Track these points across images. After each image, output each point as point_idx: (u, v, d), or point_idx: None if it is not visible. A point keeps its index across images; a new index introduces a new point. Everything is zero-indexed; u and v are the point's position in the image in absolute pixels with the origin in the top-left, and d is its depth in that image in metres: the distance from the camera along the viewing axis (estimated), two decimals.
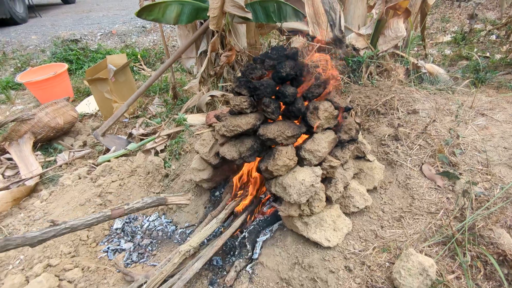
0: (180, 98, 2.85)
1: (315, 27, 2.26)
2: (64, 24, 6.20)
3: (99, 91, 3.04)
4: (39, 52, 4.76)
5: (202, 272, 1.58)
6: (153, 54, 4.68)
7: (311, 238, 1.38)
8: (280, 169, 1.35)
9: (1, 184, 2.34)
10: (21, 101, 3.87)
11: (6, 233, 1.93)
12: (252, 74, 1.44)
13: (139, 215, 1.99)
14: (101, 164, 2.30)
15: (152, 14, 2.01)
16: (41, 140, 2.74)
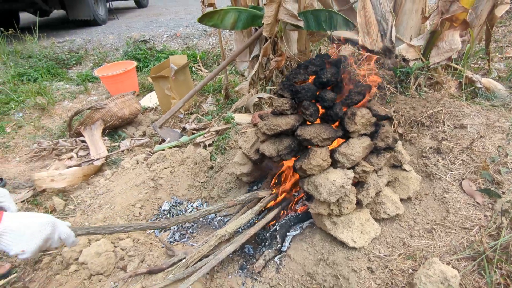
0: (231, 98, 3.05)
1: (365, 37, 2.30)
2: (137, 26, 6.88)
3: (160, 87, 3.37)
4: (114, 50, 5.37)
5: (234, 257, 1.72)
6: (211, 56, 5.01)
7: (338, 237, 1.44)
8: (314, 169, 1.44)
9: (74, 162, 2.74)
10: (96, 92, 4.41)
11: (75, 203, 2.27)
12: (296, 78, 1.56)
13: (184, 201, 2.21)
14: (156, 152, 2.58)
15: (212, 20, 2.23)
16: (109, 127, 3.14)
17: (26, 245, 0.97)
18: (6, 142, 3.20)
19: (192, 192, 2.24)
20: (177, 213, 2.11)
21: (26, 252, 0.98)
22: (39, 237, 1.00)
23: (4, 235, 0.94)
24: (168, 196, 2.21)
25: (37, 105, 3.86)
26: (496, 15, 2.56)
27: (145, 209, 2.09)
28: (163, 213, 2.13)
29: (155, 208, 2.15)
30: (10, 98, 3.92)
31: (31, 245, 0.98)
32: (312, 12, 2.24)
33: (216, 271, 1.64)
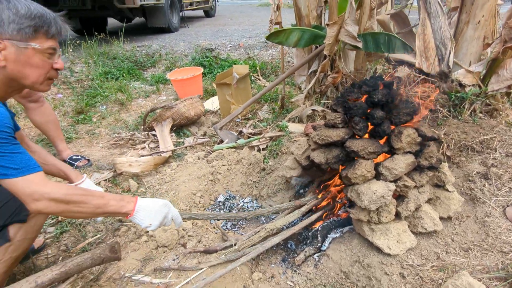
0: (286, 108, 3.29)
1: (422, 60, 2.39)
2: (204, 34, 7.49)
3: (223, 93, 3.73)
4: (183, 56, 5.95)
5: (277, 250, 1.93)
6: (270, 67, 5.32)
7: (374, 243, 1.58)
8: (358, 178, 1.60)
9: (146, 152, 3.18)
10: (165, 93, 4.96)
11: (146, 186, 2.66)
12: (349, 96, 1.74)
13: (237, 196, 2.48)
14: (216, 151, 2.91)
15: (278, 38, 2.50)
16: (177, 125, 3.56)
17: (152, 220, 1.28)
18: (92, 129, 3.78)
19: (245, 189, 2.51)
20: (230, 205, 2.38)
21: (152, 225, 1.29)
22: (161, 214, 1.31)
23: (138, 212, 1.26)
24: (224, 190, 2.50)
25: (118, 101, 4.48)
26: None
27: (203, 198, 2.41)
28: (218, 204, 2.42)
29: (212, 199, 2.45)
30: (97, 92, 4.60)
31: (155, 220, 1.29)
32: (372, 35, 2.39)
33: (261, 259, 1.87)
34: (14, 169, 1.06)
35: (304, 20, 2.76)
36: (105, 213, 1.23)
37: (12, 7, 1.07)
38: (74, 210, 1.15)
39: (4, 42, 1.08)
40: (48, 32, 1.14)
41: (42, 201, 1.08)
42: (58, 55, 1.22)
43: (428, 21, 2.40)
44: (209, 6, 11.34)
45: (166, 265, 1.83)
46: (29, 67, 1.15)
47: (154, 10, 7.44)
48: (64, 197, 1.11)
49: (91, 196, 1.18)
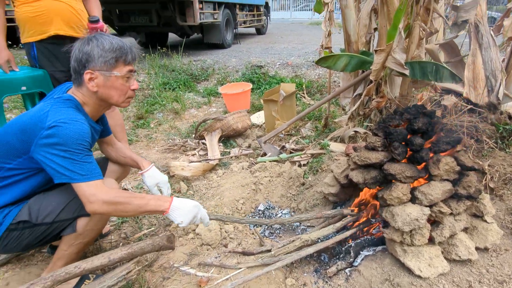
0: (329, 128, 3.42)
1: (470, 90, 2.41)
2: (255, 52, 7.88)
3: (269, 109, 3.96)
4: (234, 72, 6.34)
5: (311, 261, 2.05)
6: (316, 86, 5.48)
7: (406, 264, 1.65)
8: (393, 200, 1.70)
9: (196, 158, 3.48)
10: (215, 105, 5.32)
11: (194, 190, 2.94)
12: (390, 122, 1.85)
13: (276, 206, 2.65)
14: (259, 163, 3.12)
15: (327, 63, 2.67)
16: (224, 136, 3.84)
17: (184, 218, 1.54)
18: (150, 134, 4.21)
19: (284, 201, 2.67)
20: (269, 215, 2.55)
21: (184, 222, 1.54)
22: (191, 213, 1.56)
23: (173, 211, 1.51)
24: (264, 200, 2.68)
25: (173, 109, 4.91)
26: None
27: (245, 205, 2.61)
28: (258, 212, 2.60)
29: (253, 207, 2.64)
30: (156, 101, 5.09)
31: (186, 218, 1.54)
32: (419, 63, 2.46)
33: (295, 267, 2.00)
34: (81, 175, 1.34)
35: (353, 46, 2.90)
36: (145, 211, 1.49)
37: (100, 44, 1.41)
38: (120, 209, 1.41)
39: (96, 73, 1.42)
40: (125, 60, 1.46)
41: (96, 203, 1.35)
42: (134, 78, 1.55)
43: (479, 52, 2.42)
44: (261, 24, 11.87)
45: (209, 261, 2.04)
46: (113, 90, 1.48)
47: (211, 27, 8.03)
48: (113, 199, 1.37)
49: (133, 198, 1.44)
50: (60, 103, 1.42)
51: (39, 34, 2.59)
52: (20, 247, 1.59)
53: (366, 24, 3.02)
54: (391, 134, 1.77)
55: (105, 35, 1.47)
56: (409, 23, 2.50)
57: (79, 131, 1.35)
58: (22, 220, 1.52)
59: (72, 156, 1.33)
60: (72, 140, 1.32)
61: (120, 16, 7.47)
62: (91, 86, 1.43)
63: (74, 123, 1.35)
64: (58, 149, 1.31)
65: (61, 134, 1.31)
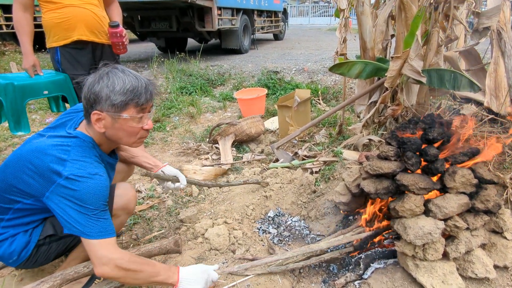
0: (343, 135, 3.36)
1: (492, 99, 2.31)
2: (272, 57, 7.90)
3: (283, 115, 3.94)
4: (250, 77, 6.36)
5: (319, 271, 2.01)
6: (331, 92, 5.42)
7: (418, 279, 1.59)
8: (406, 211, 1.64)
9: (209, 162, 3.50)
10: (230, 110, 5.36)
11: (205, 193, 2.95)
12: (404, 131, 1.80)
13: (285, 213, 2.62)
14: (271, 169, 3.10)
15: (340, 69, 2.63)
16: (238, 141, 3.85)
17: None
18: (165, 137, 4.27)
19: (294, 208, 2.63)
20: (279, 222, 2.52)
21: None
22: (202, 280, 1.53)
23: (182, 283, 1.47)
24: (274, 206, 2.66)
25: (189, 113, 4.98)
26: None
27: (255, 211, 2.59)
28: (267, 218, 2.58)
29: (262, 213, 2.62)
30: (173, 104, 5.17)
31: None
32: (437, 71, 2.39)
33: (302, 276, 1.96)
34: (94, 232, 1.28)
35: (369, 53, 2.85)
36: (154, 282, 1.43)
37: (110, 84, 1.30)
38: (131, 276, 1.35)
39: (103, 114, 1.32)
40: (137, 103, 1.34)
41: (108, 266, 1.28)
42: (148, 118, 1.44)
43: (501, 60, 2.33)
44: (279, 30, 11.90)
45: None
46: (122, 131, 1.39)
47: (228, 33, 8.12)
48: (126, 265, 1.31)
49: (146, 265, 1.39)
50: (77, 146, 1.35)
51: (63, 40, 2.71)
52: (50, 259, 1.64)
53: (382, 30, 2.96)
54: (405, 144, 1.72)
55: (119, 71, 1.34)
56: (428, 30, 2.43)
57: (98, 187, 1.29)
58: (48, 234, 1.55)
59: (87, 212, 1.28)
60: (90, 197, 1.27)
61: (141, 22, 7.68)
62: (98, 127, 1.36)
63: (94, 178, 1.29)
64: (73, 202, 1.26)
65: (79, 188, 1.25)
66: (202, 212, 2.63)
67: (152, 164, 2.03)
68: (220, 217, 2.52)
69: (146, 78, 1.41)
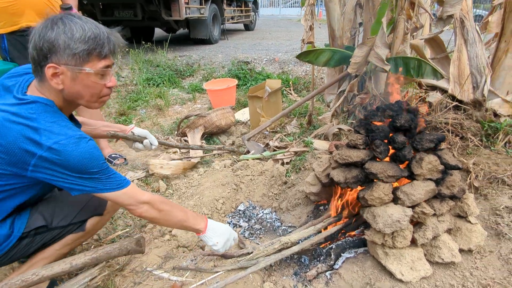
0: (313, 125, 3.34)
1: (455, 87, 2.35)
2: (242, 47, 7.76)
3: (254, 106, 3.86)
4: (220, 68, 6.20)
5: (291, 263, 1.97)
6: (302, 82, 5.40)
7: (387, 267, 1.58)
8: (375, 200, 1.62)
9: (177, 156, 3.36)
10: (200, 101, 5.19)
11: (174, 188, 2.82)
12: (372, 119, 1.77)
13: (257, 206, 2.56)
14: (241, 161, 3.02)
15: (308, 57, 2.58)
16: (207, 133, 3.72)
17: (219, 239, 1.55)
18: None
19: (265, 200, 2.58)
20: (250, 215, 2.46)
21: (219, 244, 1.54)
22: (225, 236, 1.58)
23: (208, 232, 1.52)
24: (245, 199, 2.59)
25: (156, 106, 4.77)
26: None
27: (225, 205, 2.51)
28: (238, 212, 2.50)
29: (233, 207, 2.55)
30: (139, 97, 4.93)
31: (221, 240, 1.55)
32: (403, 59, 2.39)
33: (274, 270, 1.91)
34: (116, 186, 1.26)
35: (337, 41, 2.82)
36: (184, 226, 1.47)
37: (67, 30, 1.10)
38: (164, 217, 1.38)
39: (61, 68, 1.13)
40: (101, 53, 1.17)
41: (145, 206, 1.31)
42: (111, 74, 1.26)
43: (464, 48, 2.37)
44: (249, 20, 11.72)
45: (184, 264, 1.94)
46: (83, 88, 1.20)
47: (197, 22, 7.86)
48: (159, 205, 1.35)
49: (177, 208, 1.43)
50: (43, 112, 1.16)
51: (10, 26, 2.45)
52: (26, 255, 1.46)
53: (350, 18, 2.94)
54: (373, 132, 1.69)
55: (76, 17, 1.15)
56: (394, 17, 2.43)
57: (91, 149, 1.18)
58: (37, 226, 1.40)
59: (93, 176, 1.20)
60: (88, 162, 1.17)
61: (103, 10, 7.23)
62: (54, 83, 1.15)
63: (81, 140, 1.16)
64: (73, 176, 1.17)
65: (71, 157, 1.12)
66: None
67: (118, 130, 1.87)
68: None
69: (105, 28, 1.22)
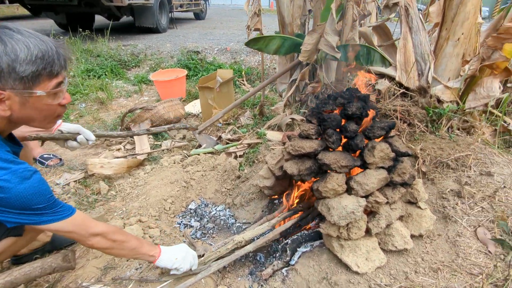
0: (266, 116, 3.24)
1: (402, 74, 2.38)
2: (192, 37, 7.42)
3: (205, 97, 3.66)
4: (169, 58, 5.86)
5: (246, 263, 1.86)
6: (255, 72, 5.29)
7: (343, 260, 1.53)
8: (328, 192, 1.55)
9: (121, 154, 3.07)
10: (148, 94, 4.85)
11: (117, 189, 2.56)
12: (324, 107, 1.70)
13: (210, 203, 2.40)
14: (192, 155, 2.83)
15: (257, 44, 2.45)
16: (155, 127, 3.46)
17: (177, 255, 1.49)
18: None
19: (218, 196, 2.43)
20: (202, 213, 2.30)
21: (178, 261, 1.47)
22: (181, 253, 1.51)
23: (163, 255, 1.44)
24: (197, 197, 2.42)
25: (98, 99, 4.35)
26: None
27: (174, 205, 2.32)
28: (189, 211, 2.33)
29: (183, 206, 2.37)
30: (78, 90, 4.46)
31: (179, 257, 1.48)
32: (353, 46, 2.37)
33: (228, 271, 1.79)
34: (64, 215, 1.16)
35: (288, 28, 2.72)
36: (138, 253, 1.38)
37: (10, 51, 0.95)
38: (118, 247, 1.29)
39: (6, 93, 0.99)
40: (52, 73, 1.04)
41: (97, 237, 1.21)
42: (64, 90, 1.13)
43: (409, 36, 2.40)
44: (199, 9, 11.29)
45: (127, 274, 1.74)
46: (35, 112, 1.08)
47: (142, 9, 7.33)
48: (112, 235, 1.25)
49: (130, 238, 1.34)
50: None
51: None
52: None
53: (300, 5, 2.86)
54: (325, 121, 1.62)
55: (14, 31, 0.99)
56: (342, 3, 2.38)
57: (37, 182, 1.07)
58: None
59: (39, 212, 1.10)
60: (34, 197, 1.06)
61: None
62: (1, 110, 1.01)
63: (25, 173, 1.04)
64: (17, 213, 1.06)
65: (14, 194, 1.01)
66: (111, 212, 2.26)
67: (42, 130, 1.64)
68: (134, 215, 2.19)
69: (51, 39, 1.06)
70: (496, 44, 2.14)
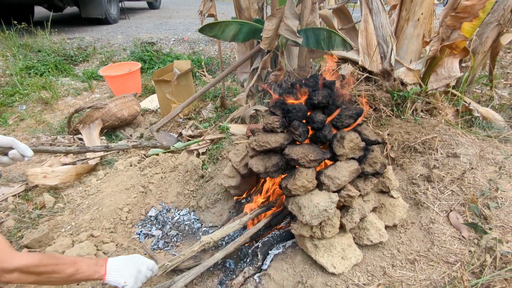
0: (229, 108, 3.06)
1: (365, 57, 2.30)
2: (146, 27, 6.96)
3: (162, 91, 3.39)
4: (121, 50, 5.43)
5: (214, 271, 1.70)
6: (216, 62, 5.04)
7: (318, 261, 1.43)
8: (298, 189, 1.43)
9: (70, 159, 2.75)
10: (99, 91, 4.46)
11: (65, 201, 2.27)
12: (288, 97, 1.56)
13: (172, 208, 2.21)
14: (150, 156, 2.59)
15: (213, 31, 2.25)
16: (107, 127, 3.16)
17: (127, 278, 1.23)
18: (6, 133, 3.22)
19: (181, 199, 2.24)
20: (164, 220, 2.10)
21: (128, 283, 1.23)
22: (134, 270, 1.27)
23: (110, 274, 1.21)
24: (157, 202, 2.21)
25: (41, 99, 3.91)
26: (501, 42, 2.56)
27: (132, 213, 2.09)
28: (149, 218, 2.12)
29: (142, 213, 2.15)
30: (16, 90, 3.98)
31: (129, 278, 1.24)
32: (313, 30, 2.25)
33: (194, 284, 1.62)
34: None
35: (244, 13, 2.54)
36: (78, 279, 1.19)
37: None
38: (45, 281, 1.11)
39: None
40: None
41: (14, 273, 1.02)
42: None
43: (370, 18, 2.31)
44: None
45: None
46: None
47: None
48: (36, 269, 1.06)
49: (62, 265, 1.13)
50: None
51: None
52: None
53: None
54: (290, 112, 1.48)
55: None
56: None
57: None
58: None
59: None
60: None
61: None
62: None
63: None
64: None
65: None
66: (58, 229, 2.00)
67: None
68: (84, 230, 1.95)
69: None
70: (455, 24, 2.11)
